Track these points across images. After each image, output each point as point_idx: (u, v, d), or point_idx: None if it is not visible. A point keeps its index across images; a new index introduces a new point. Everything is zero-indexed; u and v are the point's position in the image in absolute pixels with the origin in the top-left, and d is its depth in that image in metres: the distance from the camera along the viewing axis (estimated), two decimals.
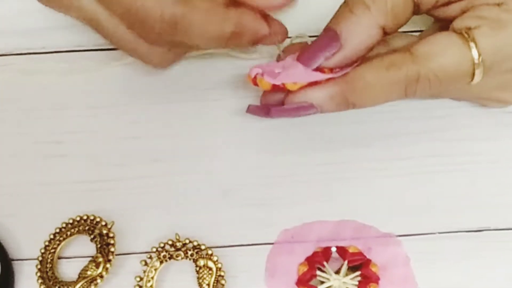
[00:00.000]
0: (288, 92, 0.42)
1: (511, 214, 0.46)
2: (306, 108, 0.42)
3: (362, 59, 0.42)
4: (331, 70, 0.42)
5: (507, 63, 0.42)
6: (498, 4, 0.41)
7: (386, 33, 0.41)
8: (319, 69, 0.42)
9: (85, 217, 0.46)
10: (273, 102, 0.44)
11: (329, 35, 0.41)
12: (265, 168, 0.48)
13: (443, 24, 0.44)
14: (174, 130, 0.49)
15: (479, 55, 0.40)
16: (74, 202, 0.47)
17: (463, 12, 0.42)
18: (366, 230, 0.46)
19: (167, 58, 0.45)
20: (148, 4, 0.41)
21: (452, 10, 0.43)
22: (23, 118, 0.49)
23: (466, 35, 0.41)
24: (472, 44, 0.40)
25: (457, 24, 0.42)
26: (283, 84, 0.42)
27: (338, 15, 0.42)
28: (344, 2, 0.42)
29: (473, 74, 0.41)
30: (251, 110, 0.44)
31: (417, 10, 0.42)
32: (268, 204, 0.47)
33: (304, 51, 0.42)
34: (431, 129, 0.48)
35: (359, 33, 0.41)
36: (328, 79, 0.42)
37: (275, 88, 0.42)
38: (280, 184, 0.48)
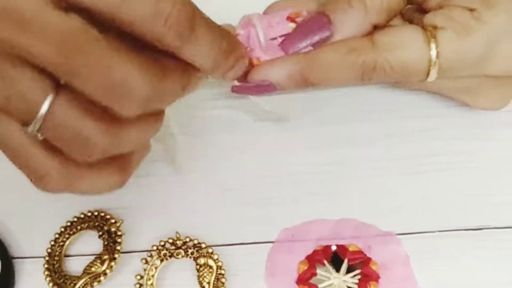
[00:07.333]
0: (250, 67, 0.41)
1: (510, 212, 0.46)
2: (265, 87, 0.41)
3: None
4: None
5: (466, 69, 0.42)
6: (471, 10, 0.41)
7: (375, 28, 0.42)
8: None
9: (96, 213, 0.47)
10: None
11: (322, 21, 0.41)
12: (265, 168, 0.48)
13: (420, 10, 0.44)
14: (174, 130, 0.49)
15: (437, 56, 0.40)
16: (74, 201, 0.47)
17: (440, 7, 0.42)
18: (366, 229, 0.46)
19: None
20: None
21: (432, 1, 0.43)
22: None
23: (429, 33, 0.41)
24: (433, 45, 0.40)
25: (427, 19, 0.42)
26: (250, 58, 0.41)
27: (335, 4, 0.41)
28: None
29: (428, 73, 0.41)
30: (236, 90, 0.43)
31: (409, 2, 0.43)
32: (268, 203, 0.47)
33: (293, 33, 0.41)
34: (430, 128, 0.48)
35: (350, 26, 0.41)
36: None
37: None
38: (280, 183, 0.48)
